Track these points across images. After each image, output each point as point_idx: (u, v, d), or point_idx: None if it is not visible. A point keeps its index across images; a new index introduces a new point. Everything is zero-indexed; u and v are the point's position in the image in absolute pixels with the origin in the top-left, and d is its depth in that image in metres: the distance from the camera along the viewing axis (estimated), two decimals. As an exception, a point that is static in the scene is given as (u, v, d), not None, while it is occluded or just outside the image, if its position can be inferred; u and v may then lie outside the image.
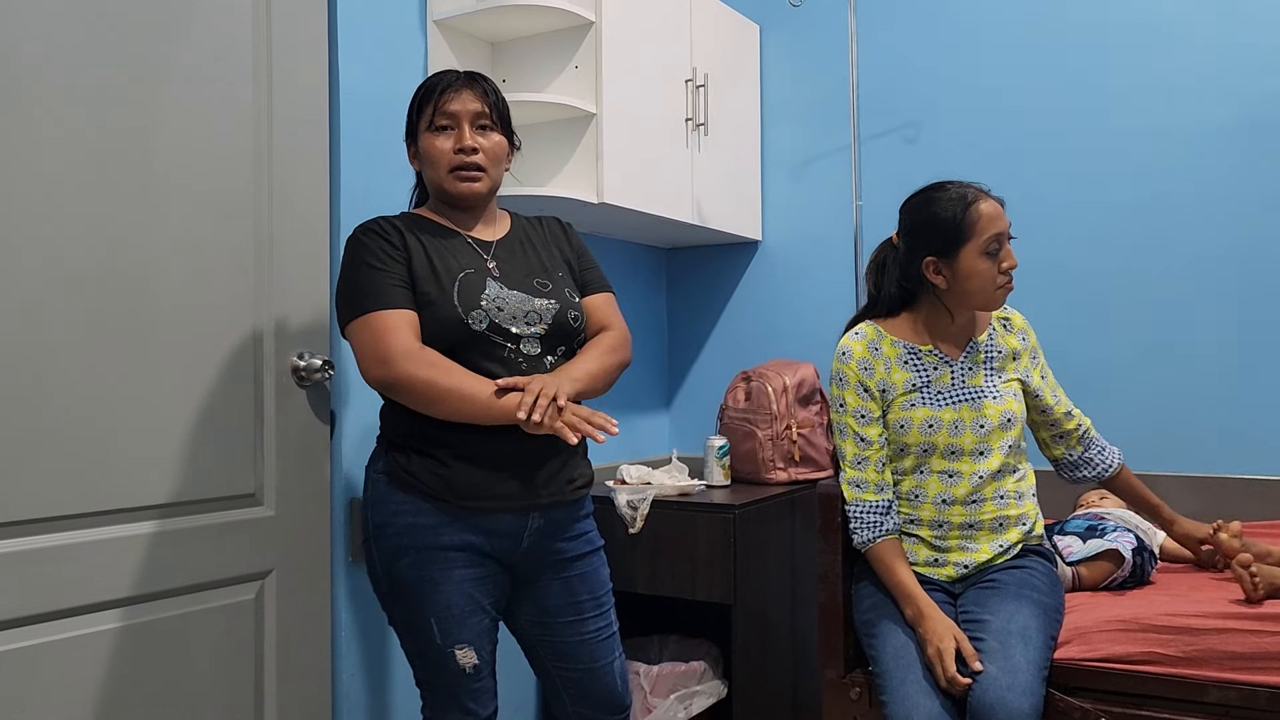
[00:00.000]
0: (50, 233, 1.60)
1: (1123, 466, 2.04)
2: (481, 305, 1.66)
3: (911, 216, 1.91)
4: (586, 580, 1.79)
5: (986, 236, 1.82)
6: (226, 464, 1.85)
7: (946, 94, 2.85)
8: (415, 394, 1.61)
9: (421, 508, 1.66)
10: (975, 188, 1.87)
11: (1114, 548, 1.94)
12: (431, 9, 2.32)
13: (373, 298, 1.63)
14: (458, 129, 1.71)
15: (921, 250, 1.88)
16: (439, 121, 1.71)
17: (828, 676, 1.93)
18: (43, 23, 1.60)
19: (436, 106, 1.71)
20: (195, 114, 1.81)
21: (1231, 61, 2.50)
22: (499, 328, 1.67)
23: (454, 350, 1.65)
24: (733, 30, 3.00)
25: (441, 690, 1.72)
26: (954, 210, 1.83)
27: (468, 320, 1.65)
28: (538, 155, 2.44)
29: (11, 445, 1.55)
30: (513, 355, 1.68)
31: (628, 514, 2.45)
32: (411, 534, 1.66)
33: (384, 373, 1.60)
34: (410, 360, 1.59)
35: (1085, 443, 2.03)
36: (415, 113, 1.76)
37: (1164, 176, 2.58)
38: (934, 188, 1.90)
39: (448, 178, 1.72)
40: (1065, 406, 2.02)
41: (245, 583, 1.87)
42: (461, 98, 1.72)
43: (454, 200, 1.75)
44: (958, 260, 1.83)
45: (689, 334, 3.26)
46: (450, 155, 1.71)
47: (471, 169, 1.72)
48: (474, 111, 1.72)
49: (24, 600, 1.56)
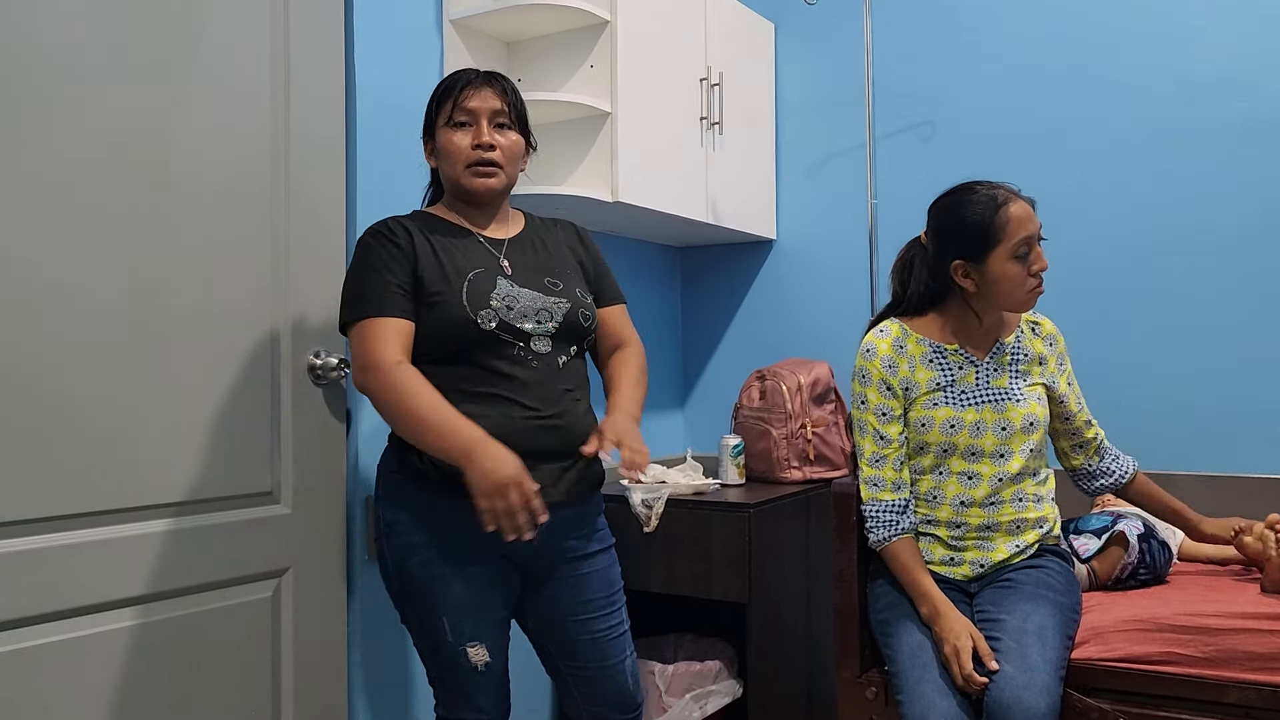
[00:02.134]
0: (68, 233, 1.61)
1: (1138, 474, 2.01)
2: (491, 304, 1.66)
3: (940, 218, 1.89)
4: (597, 578, 1.78)
5: (1016, 240, 1.79)
6: (243, 462, 1.86)
7: (962, 91, 2.84)
8: (380, 409, 1.63)
9: (434, 505, 1.67)
10: (1006, 189, 1.84)
11: (1119, 530, 1.95)
12: (447, 8, 2.32)
13: (369, 304, 1.64)
14: (476, 125, 1.72)
15: (950, 253, 1.86)
16: (458, 118, 1.72)
17: (843, 676, 1.93)
18: (57, 22, 1.61)
19: (456, 102, 1.72)
20: (212, 114, 1.82)
21: (1248, 59, 2.48)
22: (509, 326, 1.67)
23: (462, 350, 1.65)
24: (748, 29, 2.99)
25: (453, 688, 1.72)
26: (983, 213, 1.81)
27: (476, 319, 1.65)
28: (553, 154, 2.44)
29: (30, 444, 1.56)
30: (523, 354, 1.68)
31: (642, 513, 2.45)
32: (423, 532, 1.67)
33: (362, 380, 1.63)
34: (383, 372, 1.60)
35: (1101, 452, 2.02)
36: (434, 109, 1.77)
37: (1181, 174, 2.56)
38: (963, 189, 1.87)
39: (464, 173, 1.73)
40: (1087, 415, 2.00)
41: (262, 580, 1.88)
42: (481, 95, 1.72)
43: (469, 196, 1.76)
44: (987, 264, 1.82)
45: (703, 333, 3.26)
46: (468, 151, 1.72)
47: (488, 165, 1.72)
48: (493, 109, 1.73)
49: (43, 598, 1.57)
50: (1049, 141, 2.72)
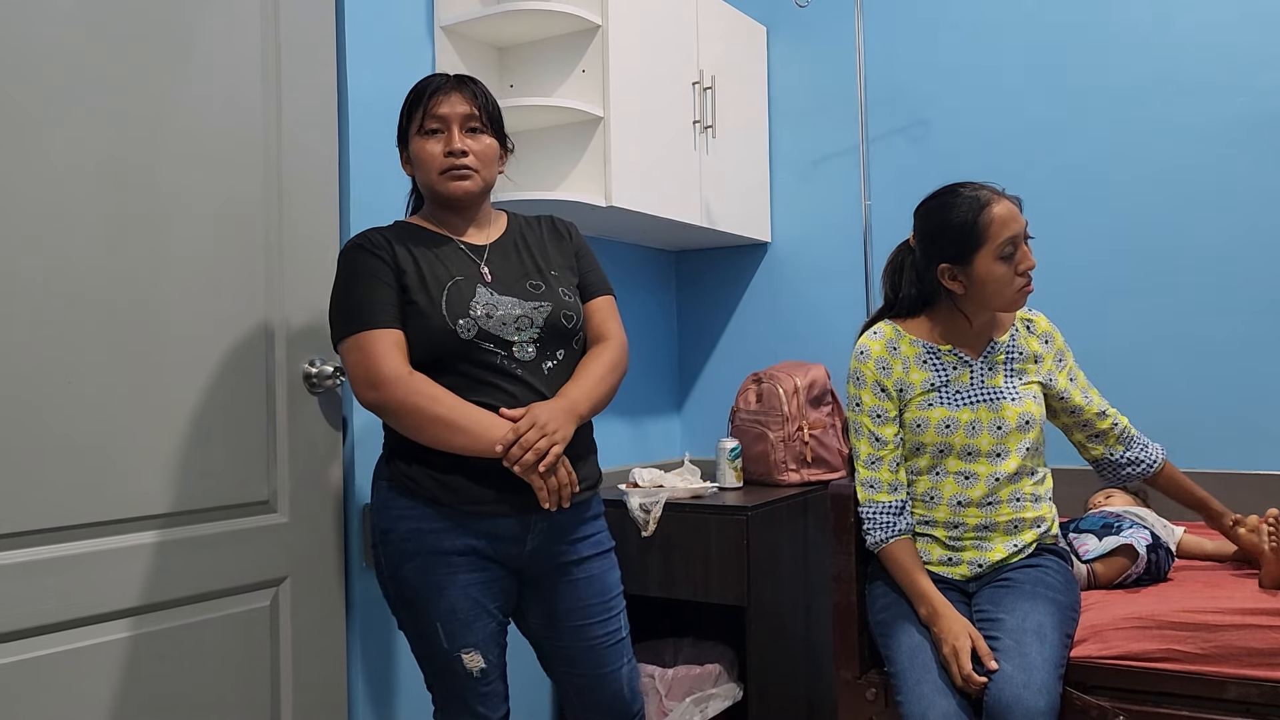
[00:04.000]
0: (59, 242, 1.61)
1: (1166, 463, 1.98)
2: (470, 314, 1.66)
3: (925, 222, 1.89)
4: (595, 583, 1.78)
5: (1001, 240, 1.79)
6: (239, 471, 1.85)
7: (954, 92, 2.84)
8: (403, 421, 1.63)
9: (424, 513, 1.66)
10: (989, 189, 1.84)
11: (1129, 543, 1.93)
12: (439, 15, 2.33)
13: (362, 317, 1.64)
14: (447, 132, 1.71)
15: (936, 256, 1.86)
16: (428, 125, 1.71)
17: (843, 677, 1.92)
18: (48, 29, 1.61)
19: (426, 110, 1.71)
20: (203, 121, 1.82)
21: (1241, 56, 2.49)
22: (489, 334, 1.66)
23: (445, 359, 1.65)
24: (740, 32, 3.00)
25: (450, 694, 1.72)
26: (966, 216, 1.81)
27: (455, 329, 1.64)
28: (546, 159, 2.44)
29: (23, 455, 1.56)
30: (506, 362, 1.67)
31: (640, 517, 2.45)
32: (416, 539, 1.66)
33: (375, 396, 1.62)
34: (399, 386, 1.60)
35: (1125, 441, 1.98)
36: (405, 117, 1.76)
37: (1174, 171, 2.57)
38: (946, 192, 1.87)
39: (439, 179, 1.72)
40: (1098, 407, 1.97)
41: (260, 590, 1.88)
42: (450, 100, 1.71)
43: (446, 201, 1.75)
44: (973, 266, 1.82)
45: (699, 337, 3.26)
46: (440, 158, 1.71)
47: (462, 169, 1.71)
48: (463, 114, 1.71)
49: (38, 609, 1.57)
50: (1043, 140, 2.72)
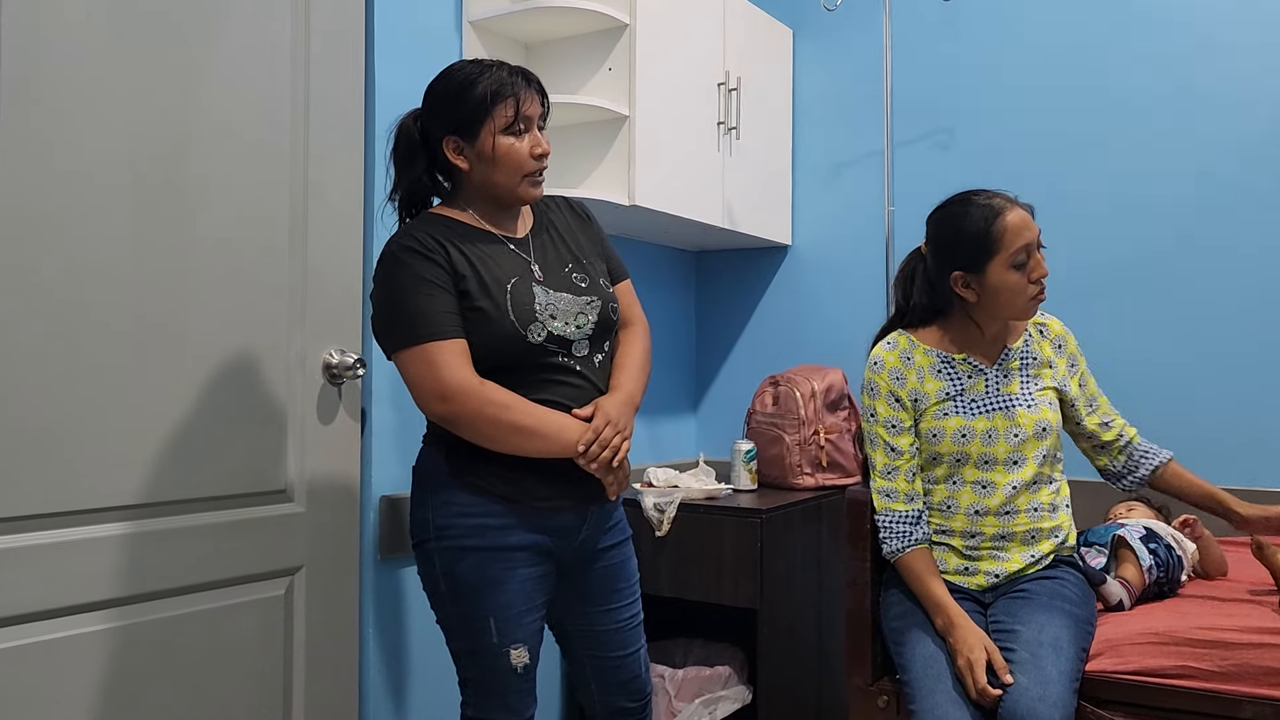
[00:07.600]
0: (85, 232, 1.62)
1: (1169, 463, 1.94)
2: (537, 317, 1.64)
3: (938, 230, 1.88)
4: (620, 568, 1.81)
5: (1014, 249, 1.78)
6: (258, 460, 1.86)
7: (981, 100, 2.83)
8: (478, 432, 1.60)
9: (491, 509, 1.65)
10: (1002, 197, 1.83)
11: (1119, 535, 1.97)
12: (467, 10, 2.33)
13: (423, 327, 1.58)
14: (530, 132, 1.68)
15: (949, 264, 1.85)
16: (519, 125, 1.66)
17: (855, 684, 1.92)
18: (77, 23, 1.62)
19: (518, 109, 1.65)
20: (231, 113, 1.83)
21: (1265, 68, 2.47)
22: (555, 336, 1.65)
23: (511, 363, 1.63)
24: (766, 34, 2.99)
25: (488, 689, 1.70)
26: (979, 224, 1.80)
27: (526, 334, 1.62)
28: (570, 157, 2.44)
29: (47, 439, 1.57)
30: (566, 359, 1.67)
31: (654, 517, 2.45)
32: (480, 535, 1.65)
33: (445, 410, 1.59)
34: (473, 399, 1.58)
35: (1128, 452, 1.96)
36: (479, 110, 1.64)
37: (1202, 183, 2.55)
38: (958, 200, 1.86)
39: (522, 182, 1.68)
40: (1100, 417, 1.96)
41: (275, 578, 1.89)
42: (530, 99, 1.67)
43: (515, 203, 1.72)
44: (986, 274, 1.81)
45: (717, 338, 3.26)
46: (530, 161, 1.67)
47: (541, 174, 1.70)
48: (539, 114, 1.70)
49: (59, 592, 1.58)
50: (1068, 151, 2.71)
